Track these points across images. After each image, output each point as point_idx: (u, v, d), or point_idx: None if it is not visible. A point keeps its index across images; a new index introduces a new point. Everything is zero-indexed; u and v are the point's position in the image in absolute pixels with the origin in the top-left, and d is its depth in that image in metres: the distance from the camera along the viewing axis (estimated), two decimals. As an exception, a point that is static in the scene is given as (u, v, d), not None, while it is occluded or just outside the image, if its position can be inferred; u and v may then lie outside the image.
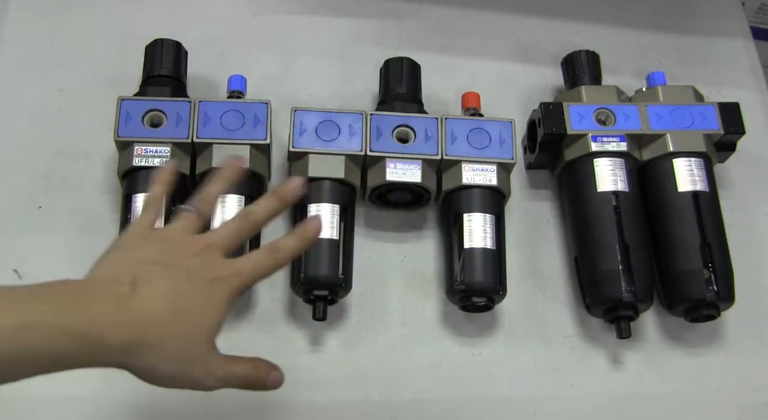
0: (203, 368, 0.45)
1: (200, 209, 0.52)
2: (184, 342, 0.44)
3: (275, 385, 0.48)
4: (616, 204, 0.71)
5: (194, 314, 0.45)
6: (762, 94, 0.89)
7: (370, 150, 0.70)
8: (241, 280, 0.48)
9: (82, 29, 0.82)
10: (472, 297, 0.68)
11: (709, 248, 0.69)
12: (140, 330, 0.43)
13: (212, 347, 0.46)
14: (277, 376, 0.48)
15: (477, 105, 0.76)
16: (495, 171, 0.70)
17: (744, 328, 0.74)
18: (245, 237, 0.51)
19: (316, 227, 0.51)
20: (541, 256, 0.76)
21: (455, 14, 0.90)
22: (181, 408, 0.65)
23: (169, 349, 0.44)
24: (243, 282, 0.48)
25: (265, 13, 0.86)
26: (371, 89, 0.81)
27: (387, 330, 0.71)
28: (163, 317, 0.44)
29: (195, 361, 0.45)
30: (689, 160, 0.72)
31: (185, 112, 0.69)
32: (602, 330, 0.73)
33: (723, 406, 0.71)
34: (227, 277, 0.47)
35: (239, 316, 0.70)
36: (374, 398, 0.68)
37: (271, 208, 0.52)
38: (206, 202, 0.53)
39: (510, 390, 0.70)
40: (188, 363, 0.44)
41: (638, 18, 0.92)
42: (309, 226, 0.51)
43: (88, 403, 0.65)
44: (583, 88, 0.76)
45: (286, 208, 0.53)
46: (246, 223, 0.51)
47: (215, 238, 0.49)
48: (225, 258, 0.48)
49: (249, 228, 0.51)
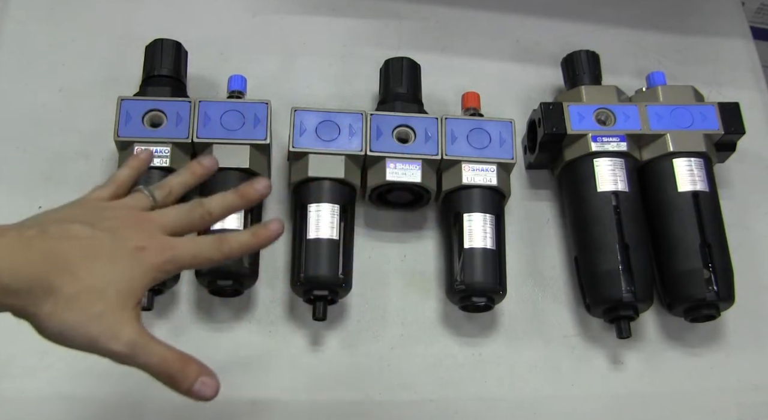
0: (107, 328, 0.41)
1: (154, 193, 0.50)
2: (89, 295, 0.41)
3: (202, 395, 0.44)
4: (616, 204, 0.71)
5: (107, 272, 0.42)
6: (762, 94, 0.89)
7: (370, 150, 0.70)
8: (174, 257, 0.44)
9: (82, 29, 0.82)
10: (472, 297, 0.68)
11: (709, 248, 0.69)
12: (42, 272, 0.40)
13: (125, 311, 0.42)
14: (208, 385, 0.44)
15: (477, 105, 0.76)
16: (495, 171, 0.70)
17: (744, 328, 0.74)
18: (194, 225, 0.48)
19: (275, 229, 0.48)
20: (541, 256, 0.76)
21: (455, 14, 0.90)
22: (179, 409, 0.65)
23: (70, 297, 0.41)
24: (177, 259, 0.45)
25: (265, 13, 0.86)
26: (371, 89, 0.81)
27: (387, 330, 0.71)
28: (70, 264, 0.41)
29: (98, 319, 0.41)
30: (689, 160, 0.72)
31: (185, 112, 0.69)
32: (602, 330, 0.73)
33: (723, 406, 0.71)
34: (157, 248, 0.44)
35: (239, 315, 0.70)
36: (374, 398, 0.68)
37: (228, 203, 0.50)
38: (163, 188, 0.51)
39: (510, 390, 0.70)
40: (90, 318, 0.41)
41: (638, 18, 0.92)
42: (269, 226, 0.48)
43: (90, 404, 0.65)
44: (583, 88, 0.76)
45: (245, 207, 0.52)
46: (197, 211, 0.48)
47: (157, 215, 0.47)
48: (163, 235, 0.46)
49: (200, 216, 0.48)
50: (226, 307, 0.70)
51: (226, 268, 0.65)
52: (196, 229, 0.49)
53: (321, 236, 0.66)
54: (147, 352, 0.43)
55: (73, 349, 0.42)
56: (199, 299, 0.70)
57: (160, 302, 0.68)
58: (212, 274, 0.65)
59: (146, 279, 0.43)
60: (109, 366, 0.56)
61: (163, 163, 0.67)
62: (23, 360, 0.66)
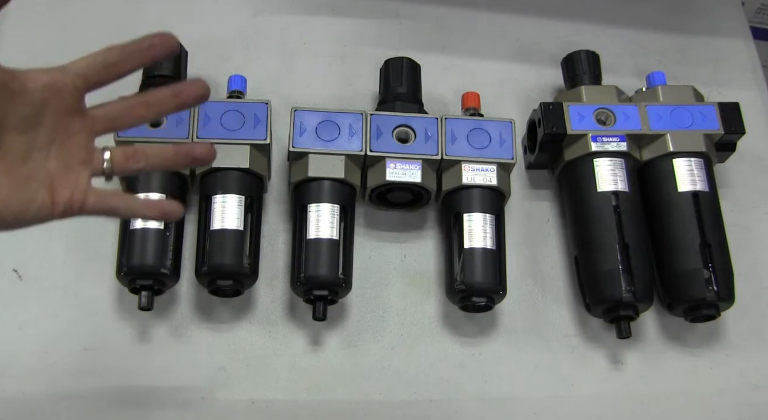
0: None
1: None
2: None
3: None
4: (616, 204, 0.71)
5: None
6: (762, 94, 0.89)
7: (370, 150, 0.70)
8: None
9: (82, 29, 0.82)
10: (472, 297, 0.68)
11: (709, 248, 0.69)
12: None
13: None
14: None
15: (477, 105, 0.76)
16: (495, 171, 0.70)
17: (744, 328, 0.74)
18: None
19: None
20: (541, 256, 0.76)
21: (455, 14, 0.90)
22: (180, 409, 0.65)
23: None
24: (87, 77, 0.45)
25: (265, 13, 0.86)
26: (371, 89, 0.81)
27: (387, 330, 0.71)
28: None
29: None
30: (689, 160, 0.72)
31: (185, 112, 0.69)
32: (602, 330, 0.73)
33: (723, 406, 0.71)
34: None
35: (239, 315, 0.70)
36: (374, 398, 0.68)
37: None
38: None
39: (510, 390, 0.70)
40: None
41: (638, 18, 0.92)
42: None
43: (90, 404, 0.65)
44: (583, 88, 0.76)
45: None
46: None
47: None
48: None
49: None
50: (226, 307, 0.70)
51: (226, 268, 0.65)
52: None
53: (321, 236, 0.66)
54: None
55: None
56: (199, 299, 0.70)
57: (160, 302, 0.68)
58: (212, 274, 0.65)
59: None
60: (109, 366, 0.56)
61: (163, 163, 0.67)
62: (23, 360, 0.66)
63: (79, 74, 0.45)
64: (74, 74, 0.45)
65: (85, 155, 0.46)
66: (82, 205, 0.45)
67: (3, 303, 0.68)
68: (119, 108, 0.48)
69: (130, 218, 0.52)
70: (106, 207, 0.47)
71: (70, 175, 0.45)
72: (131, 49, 0.46)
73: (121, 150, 0.48)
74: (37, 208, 0.44)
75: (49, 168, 0.44)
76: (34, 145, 0.44)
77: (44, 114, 0.44)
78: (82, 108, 0.46)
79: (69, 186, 0.45)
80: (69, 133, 0.45)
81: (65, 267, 0.70)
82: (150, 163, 0.48)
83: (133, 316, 0.68)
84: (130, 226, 0.65)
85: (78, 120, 0.46)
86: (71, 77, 0.45)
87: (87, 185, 0.46)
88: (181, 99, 0.48)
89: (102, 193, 0.46)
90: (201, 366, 0.67)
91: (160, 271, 0.64)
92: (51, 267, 0.70)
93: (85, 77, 0.45)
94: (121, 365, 0.66)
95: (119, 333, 0.68)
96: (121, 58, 0.46)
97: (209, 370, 0.67)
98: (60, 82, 0.44)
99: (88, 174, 0.46)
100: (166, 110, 0.49)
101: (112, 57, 0.46)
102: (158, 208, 0.49)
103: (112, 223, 0.71)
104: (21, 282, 0.69)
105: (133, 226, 0.65)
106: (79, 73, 0.45)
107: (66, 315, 0.68)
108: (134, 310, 0.66)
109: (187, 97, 0.48)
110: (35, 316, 0.68)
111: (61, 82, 0.45)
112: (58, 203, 0.44)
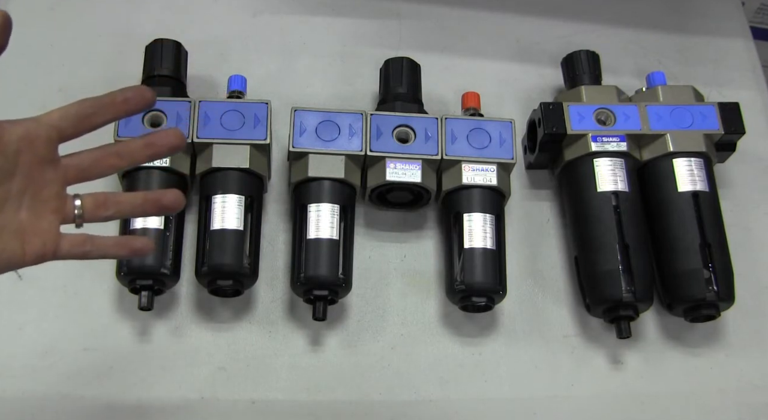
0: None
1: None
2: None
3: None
4: (616, 204, 0.71)
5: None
6: (762, 94, 0.89)
7: (370, 150, 0.70)
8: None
9: (82, 29, 0.82)
10: (472, 297, 0.68)
11: (709, 248, 0.69)
12: None
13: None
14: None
15: (477, 105, 0.76)
16: (495, 171, 0.70)
17: (744, 328, 0.74)
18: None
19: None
20: (541, 256, 0.76)
21: (455, 14, 0.90)
22: (180, 409, 0.65)
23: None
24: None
25: (265, 13, 0.86)
26: (371, 89, 0.81)
27: (387, 330, 0.71)
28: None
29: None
30: (689, 160, 0.72)
31: (185, 112, 0.69)
32: (602, 330, 0.73)
33: (723, 406, 0.71)
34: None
35: (239, 316, 0.70)
36: (374, 398, 0.68)
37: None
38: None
39: (510, 390, 0.70)
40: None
41: (638, 18, 0.92)
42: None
43: (90, 404, 0.65)
44: (583, 88, 0.76)
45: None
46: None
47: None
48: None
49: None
50: (226, 307, 0.70)
51: (226, 268, 0.65)
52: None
53: (321, 236, 0.66)
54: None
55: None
56: (199, 299, 0.70)
57: (160, 302, 0.68)
58: (212, 274, 0.65)
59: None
60: (109, 366, 0.56)
61: (164, 164, 0.67)
62: (24, 360, 0.66)
63: (53, 125, 0.45)
64: (48, 125, 0.45)
65: (56, 204, 0.46)
66: (55, 253, 0.46)
67: (3, 303, 0.68)
68: (92, 158, 0.48)
69: (100, 258, 0.52)
70: (79, 252, 0.47)
71: (41, 224, 0.45)
72: (105, 102, 0.47)
73: (91, 197, 0.48)
74: (8, 257, 0.44)
75: (20, 218, 0.44)
76: (7, 195, 0.44)
77: (18, 164, 0.44)
78: (56, 158, 0.46)
79: (40, 235, 0.45)
80: (42, 182, 0.45)
81: (65, 267, 0.69)
82: (120, 210, 0.49)
83: (133, 316, 0.68)
84: (130, 226, 0.65)
85: (51, 170, 0.46)
86: (45, 128, 0.45)
87: (58, 233, 0.46)
88: (154, 150, 0.49)
89: (73, 239, 0.47)
90: (201, 366, 0.67)
91: (160, 271, 0.64)
92: (51, 267, 0.68)
93: (58, 129, 0.46)
94: (121, 365, 0.66)
95: (119, 333, 0.68)
96: (95, 111, 0.47)
97: (209, 370, 0.67)
98: (34, 133, 0.45)
99: (59, 222, 0.46)
100: (139, 160, 0.49)
101: (85, 109, 0.46)
102: (129, 247, 0.49)
103: (112, 223, 0.71)
104: (21, 282, 0.69)
105: (133, 226, 0.65)
106: (53, 124, 0.45)
107: (66, 315, 0.68)
108: (134, 310, 0.66)
109: (161, 148, 0.49)
110: (35, 316, 0.68)
111: (35, 133, 0.45)
112: (29, 253, 0.45)
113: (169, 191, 0.50)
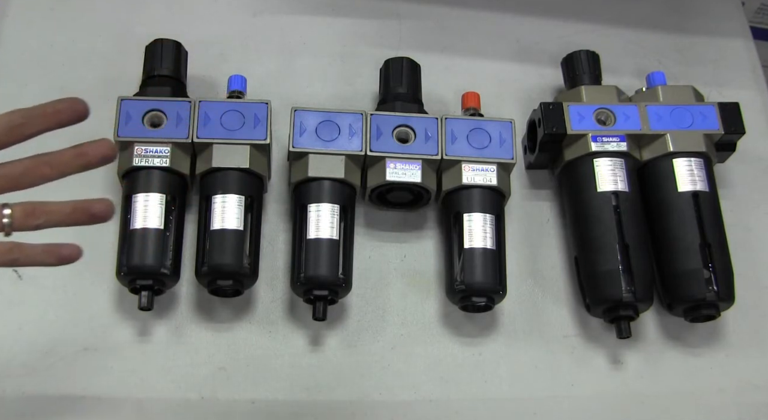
0: None
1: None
2: None
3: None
4: (616, 204, 0.71)
5: None
6: (762, 94, 0.89)
7: (370, 150, 0.70)
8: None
9: (82, 29, 0.82)
10: (472, 297, 0.68)
11: (709, 248, 0.69)
12: None
13: None
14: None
15: (477, 105, 0.76)
16: (495, 171, 0.70)
17: (744, 328, 0.74)
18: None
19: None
20: (541, 256, 0.76)
21: (455, 14, 0.90)
22: (180, 409, 0.65)
23: None
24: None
25: (265, 13, 0.86)
26: (371, 89, 0.81)
27: (387, 330, 0.71)
28: None
29: None
30: (689, 160, 0.72)
31: (185, 112, 0.69)
32: (602, 330, 0.73)
33: (723, 406, 0.71)
34: None
35: (239, 315, 0.70)
36: (374, 398, 0.68)
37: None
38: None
39: (510, 390, 0.70)
40: None
41: (638, 18, 0.92)
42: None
43: (90, 403, 0.65)
44: (583, 88, 0.76)
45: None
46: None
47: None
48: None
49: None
50: (226, 307, 0.70)
51: (226, 268, 0.65)
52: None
53: (321, 236, 0.66)
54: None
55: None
56: (199, 299, 0.70)
57: (160, 302, 0.68)
58: (212, 274, 0.65)
59: None
60: (109, 366, 0.56)
61: (163, 164, 0.67)
62: (24, 360, 0.66)
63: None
64: None
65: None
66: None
67: (3, 303, 0.68)
68: (22, 167, 0.48)
69: (29, 265, 0.52)
70: (7, 260, 0.47)
71: None
72: (35, 113, 0.47)
73: (21, 207, 0.48)
74: None
75: None
76: None
77: None
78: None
79: None
80: None
81: (65, 267, 0.69)
82: (49, 220, 0.48)
83: (133, 316, 0.68)
84: (130, 226, 0.65)
85: None
86: None
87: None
88: (86, 160, 0.49)
89: (1, 248, 0.47)
90: (201, 366, 0.67)
91: (160, 271, 0.64)
92: (50, 267, 0.69)
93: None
94: (121, 365, 0.66)
95: (119, 333, 0.68)
96: (25, 122, 0.47)
97: (209, 370, 0.67)
98: None
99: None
100: (71, 170, 0.49)
101: (15, 120, 0.46)
102: (56, 254, 0.49)
103: (112, 224, 0.71)
104: (21, 282, 0.69)
105: (133, 225, 0.65)
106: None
107: (66, 315, 0.68)
108: (134, 310, 0.66)
109: (92, 158, 0.49)
110: (35, 316, 0.68)
111: None
112: None
113: (98, 200, 0.49)
